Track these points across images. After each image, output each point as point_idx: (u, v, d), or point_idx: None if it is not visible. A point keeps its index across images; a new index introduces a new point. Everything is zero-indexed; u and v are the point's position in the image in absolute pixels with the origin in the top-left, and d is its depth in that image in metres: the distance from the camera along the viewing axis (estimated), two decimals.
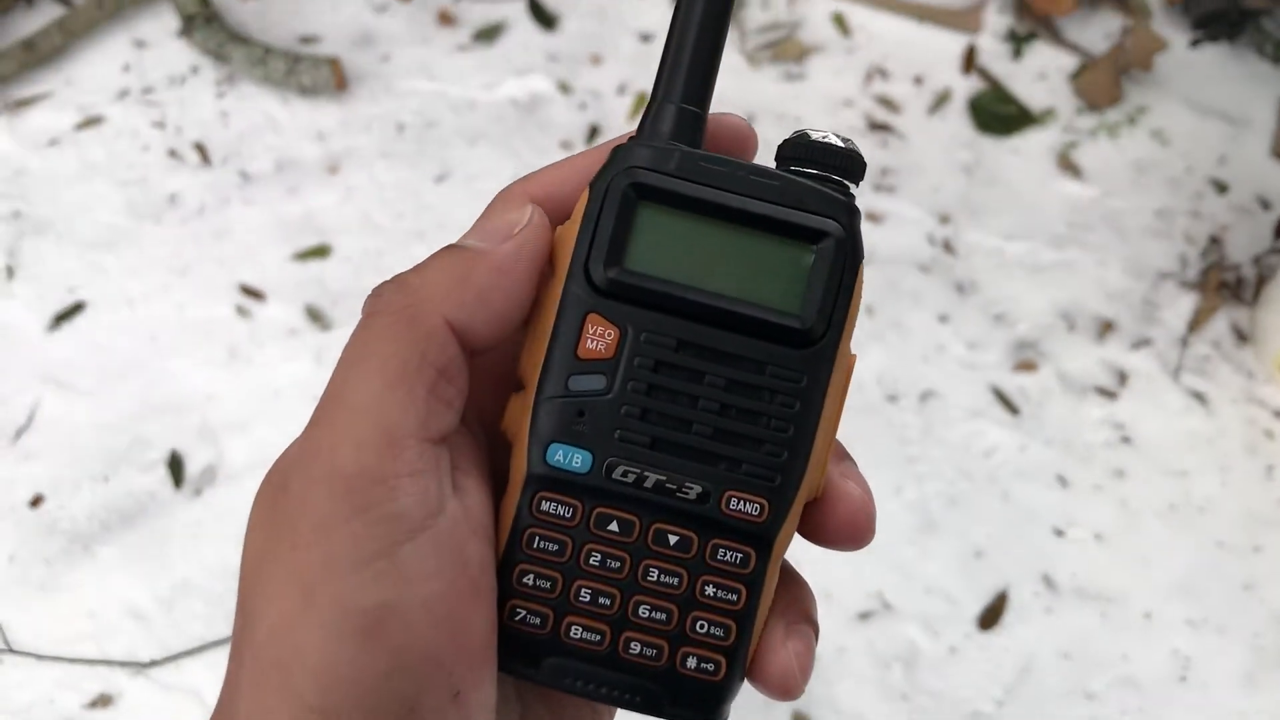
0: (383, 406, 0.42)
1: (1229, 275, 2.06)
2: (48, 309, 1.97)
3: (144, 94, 2.23)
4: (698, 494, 0.46)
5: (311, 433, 0.44)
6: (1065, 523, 1.83)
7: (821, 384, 0.46)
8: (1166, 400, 1.95)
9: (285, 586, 0.41)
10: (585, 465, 0.45)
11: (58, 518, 1.78)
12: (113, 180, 2.12)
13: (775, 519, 0.46)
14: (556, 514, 0.46)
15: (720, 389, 0.46)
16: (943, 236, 2.10)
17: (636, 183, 0.46)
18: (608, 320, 0.46)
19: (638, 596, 0.46)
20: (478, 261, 0.45)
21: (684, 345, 0.46)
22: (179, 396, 1.88)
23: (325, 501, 0.41)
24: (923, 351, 1.97)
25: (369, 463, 0.42)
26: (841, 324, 0.46)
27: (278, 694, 0.41)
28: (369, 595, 0.40)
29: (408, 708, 0.41)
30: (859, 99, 2.26)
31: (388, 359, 0.43)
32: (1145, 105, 2.27)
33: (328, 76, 2.17)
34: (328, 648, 0.40)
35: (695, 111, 0.48)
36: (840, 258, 0.46)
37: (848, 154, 0.48)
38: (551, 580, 0.46)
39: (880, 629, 1.73)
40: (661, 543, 0.46)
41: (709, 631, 0.46)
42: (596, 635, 0.46)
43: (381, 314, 0.45)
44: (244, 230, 2.06)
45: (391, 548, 0.41)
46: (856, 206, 0.47)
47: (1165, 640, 1.74)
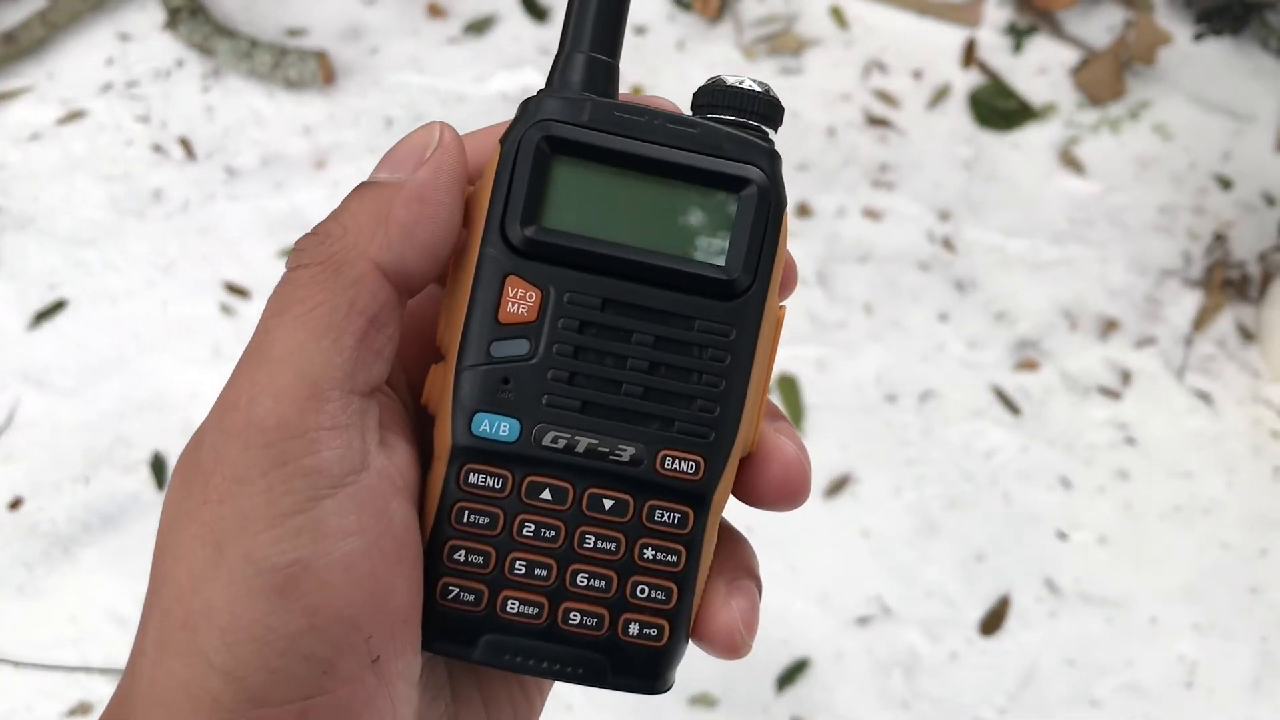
0: (306, 356, 0.40)
1: (1233, 273, 2.03)
2: (28, 306, 1.93)
3: (128, 87, 2.18)
4: (631, 456, 0.44)
5: (230, 386, 0.41)
6: (1068, 525, 1.79)
7: (751, 336, 0.45)
8: (1171, 400, 1.92)
9: (195, 543, 0.39)
10: (513, 434, 0.44)
11: (37, 520, 1.74)
12: (96, 175, 2.07)
13: (711, 476, 0.45)
14: (486, 486, 0.44)
15: (648, 346, 0.44)
16: (942, 233, 2.06)
17: (549, 135, 0.44)
18: (528, 282, 0.44)
19: (575, 565, 0.45)
20: (394, 195, 0.43)
21: (609, 303, 0.44)
22: (162, 395, 1.84)
23: (241, 454, 0.39)
24: (922, 351, 1.94)
25: (288, 414, 0.40)
26: (769, 273, 0.45)
27: (181, 656, 0.39)
28: (283, 552, 0.39)
29: (320, 670, 0.39)
30: (857, 93, 2.22)
31: (313, 309, 0.41)
32: (1148, 100, 2.23)
33: (315, 70, 2.13)
34: (236, 605, 0.38)
35: (607, 61, 0.46)
36: (764, 205, 0.45)
37: (765, 98, 0.46)
38: (484, 554, 0.44)
39: (880, 634, 1.69)
40: (597, 508, 0.45)
41: (650, 595, 0.45)
42: (534, 608, 0.44)
43: (306, 266, 0.42)
44: (229, 226, 2.02)
45: (309, 503, 0.39)
46: (777, 151, 0.46)
47: (1171, 645, 1.71)
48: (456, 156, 0.44)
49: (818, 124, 2.17)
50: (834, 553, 1.75)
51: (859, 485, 1.79)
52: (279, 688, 0.39)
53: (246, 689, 0.38)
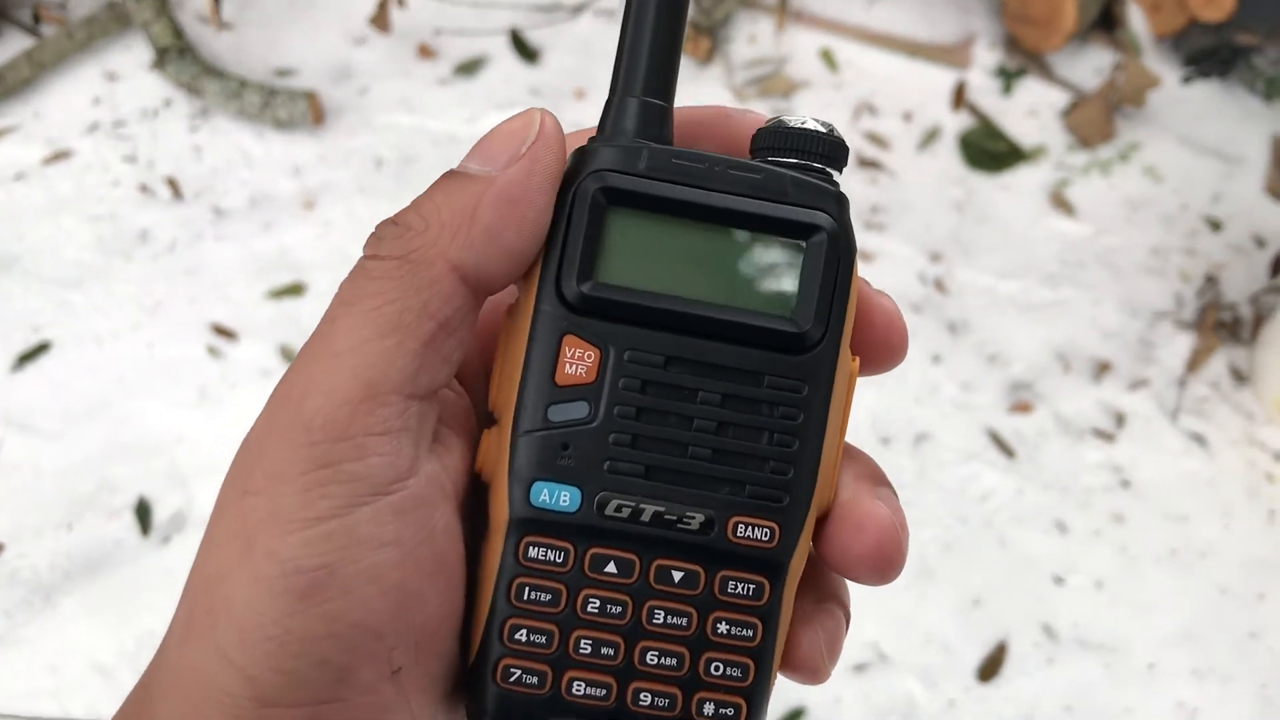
0: (367, 355, 0.39)
1: (1225, 314, 2.03)
2: (11, 348, 1.90)
3: (115, 127, 2.17)
4: (700, 523, 0.42)
5: (289, 376, 0.40)
6: (1065, 570, 1.78)
7: (824, 391, 0.42)
8: (1165, 442, 1.91)
9: (228, 535, 0.39)
10: (574, 503, 0.41)
11: (18, 567, 1.70)
12: (82, 215, 2.05)
13: (787, 542, 0.42)
14: (546, 559, 0.41)
15: (716, 406, 0.42)
16: (934, 275, 2.06)
17: (605, 187, 0.41)
18: (586, 340, 0.41)
19: (644, 642, 0.42)
20: (483, 192, 0.41)
21: (672, 361, 0.42)
22: (147, 439, 1.81)
23: (284, 450, 0.38)
24: (915, 393, 1.93)
25: (337, 415, 0.38)
26: (840, 324, 0.42)
27: (201, 643, 0.38)
28: (310, 555, 0.38)
29: (335, 678, 0.38)
30: (847, 135, 2.22)
31: (383, 306, 0.39)
32: (1137, 142, 2.24)
33: (304, 110, 2.12)
34: (256, 603, 0.37)
35: (660, 105, 0.43)
36: (834, 252, 0.42)
37: (829, 139, 0.44)
38: (547, 634, 0.42)
39: (877, 681, 1.66)
40: (665, 580, 0.42)
41: (725, 673, 0.42)
42: (602, 690, 0.42)
43: (381, 259, 0.41)
44: (217, 267, 2.00)
45: (345, 509, 0.38)
46: (844, 195, 0.43)
47: (1170, 691, 1.69)
48: (555, 152, 0.41)
49: None
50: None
51: None
52: (290, 690, 0.38)
53: (257, 687, 0.38)
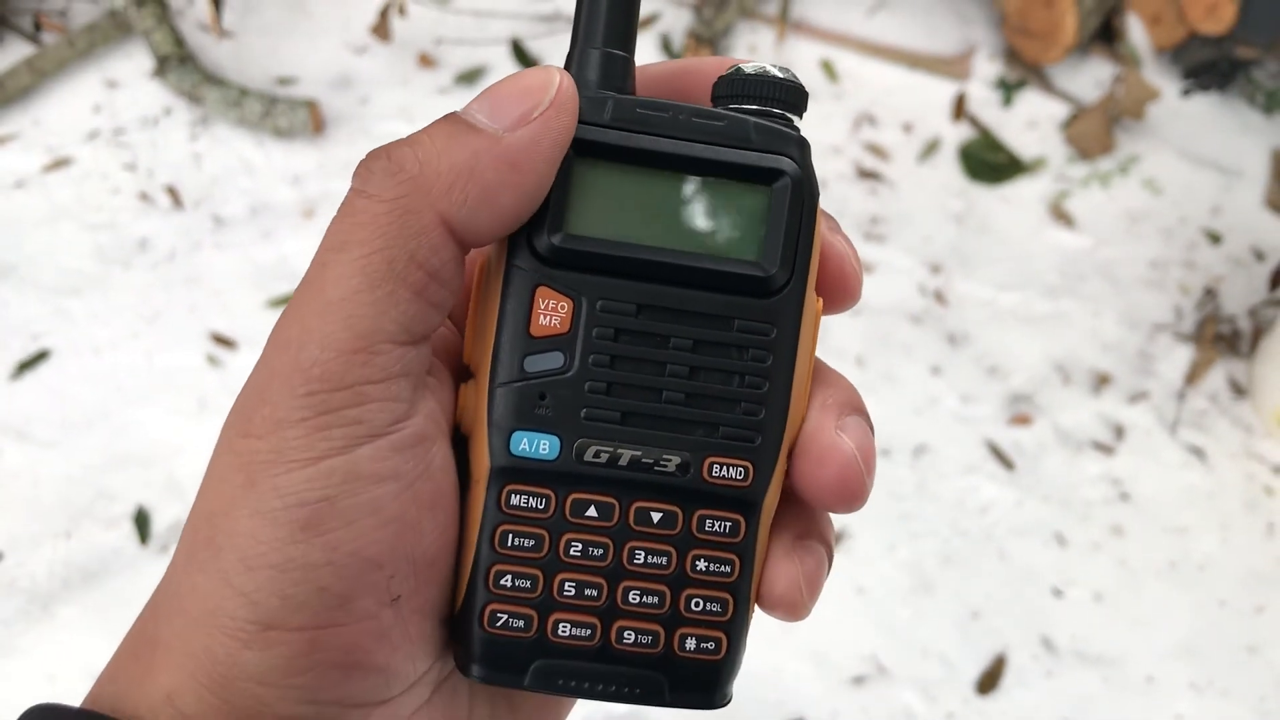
0: (359, 305, 0.39)
1: (1225, 327, 2.03)
2: (10, 357, 1.89)
3: (115, 135, 2.17)
4: (677, 465, 0.43)
5: (283, 321, 0.41)
6: (1064, 582, 1.78)
7: (792, 333, 0.43)
8: (1164, 455, 1.91)
9: (230, 471, 0.40)
10: (553, 451, 0.42)
11: (16, 576, 1.70)
12: (81, 224, 2.05)
13: (760, 480, 0.43)
14: (529, 506, 0.43)
15: (687, 351, 0.43)
16: (934, 287, 2.06)
17: (573, 138, 0.42)
18: (558, 291, 0.42)
19: (626, 582, 0.43)
20: (486, 150, 0.40)
21: (644, 309, 0.43)
22: (146, 448, 1.81)
23: (284, 397, 0.39)
24: (915, 405, 1.92)
25: (334, 366, 0.39)
26: (806, 267, 0.43)
27: (203, 572, 0.40)
28: (313, 489, 0.39)
29: (334, 604, 0.39)
30: (847, 146, 2.22)
31: (372, 253, 0.39)
32: (1137, 154, 2.24)
33: (305, 119, 2.12)
34: (259, 532, 0.39)
35: (622, 55, 0.44)
36: (797, 196, 0.43)
37: (789, 84, 0.44)
38: (531, 578, 0.43)
39: (875, 694, 1.66)
40: (645, 522, 0.43)
41: (705, 608, 0.43)
42: (586, 630, 0.43)
43: (370, 197, 0.40)
44: (216, 276, 2.00)
45: (346, 448, 0.39)
46: (806, 139, 0.44)
47: (1169, 704, 1.69)
48: (568, 120, 0.41)
49: None
50: (828, 611, 1.72)
51: (853, 541, 1.78)
52: (291, 614, 0.39)
53: (259, 611, 0.39)
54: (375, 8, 2.28)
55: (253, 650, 0.39)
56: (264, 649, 0.39)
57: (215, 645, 0.39)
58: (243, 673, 0.39)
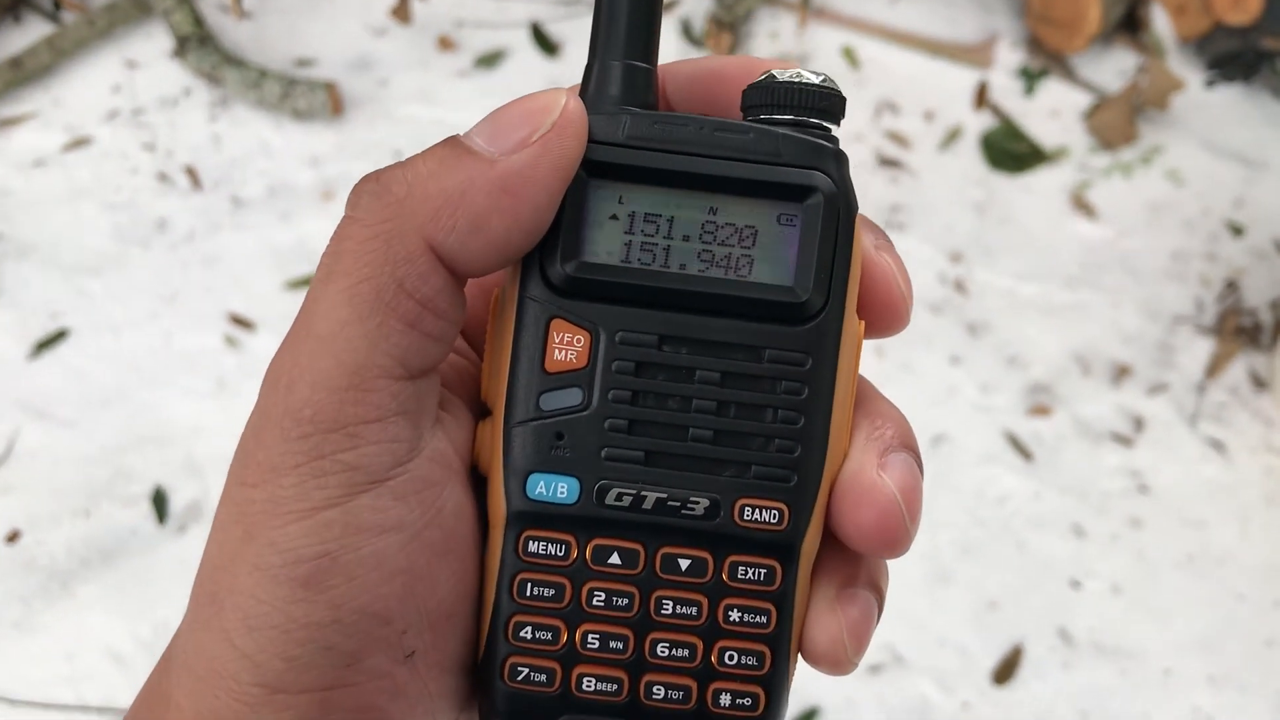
0: (349, 339, 0.37)
1: (1246, 320, 2.02)
2: (29, 335, 1.90)
3: (134, 115, 2.17)
4: (705, 508, 0.40)
5: (276, 360, 0.39)
6: (1082, 574, 1.77)
7: (830, 362, 0.40)
8: (1184, 448, 1.90)
9: (228, 523, 0.38)
10: (572, 494, 0.40)
11: (35, 554, 1.70)
12: (100, 203, 2.05)
13: (798, 523, 0.40)
14: (548, 554, 0.40)
15: (715, 384, 0.40)
16: (954, 276, 2.05)
17: (585, 159, 0.39)
18: (574, 324, 0.40)
19: (654, 634, 0.41)
20: (479, 175, 0.38)
21: (666, 340, 0.40)
22: (164, 428, 1.81)
23: (277, 441, 0.37)
24: (934, 395, 1.92)
25: (325, 405, 0.37)
26: (844, 289, 0.40)
27: (207, 630, 0.38)
28: (310, 544, 0.37)
29: (343, 663, 0.38)
30: (869, 134, 2.21)
31: (359, 282, 0.37)
32: (1160, 145, 2.23)
33: (324, 101, 2.12)
34: (259, 590, 0.37)
35: (644, 68, 0.41)
36: (832, 213, 0.40)
37: (823, 91, 0.41)
38: (553, 629, 0.40)
39: (891, 683, 1.66)
40: (672, 569, 0.40)
41: (740, 661, 0.41)
42: (613, 684, 0.41)
43: (357, 223, 0.38)
44: (235, 257, 2.00)
45: (343, 498, 0.37)
46: (843, 151, 0.41)
47: (1186, 697, 1.68)
48: (570, 145, 0.39)
49: None
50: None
51: None
52: (296, 676, 0.37)
53: (262, 673, 0.37)
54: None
55: (261, 714, 0.37)
56: (272, 713, 0.37)
57: (222, 708, 0.38)
58: None
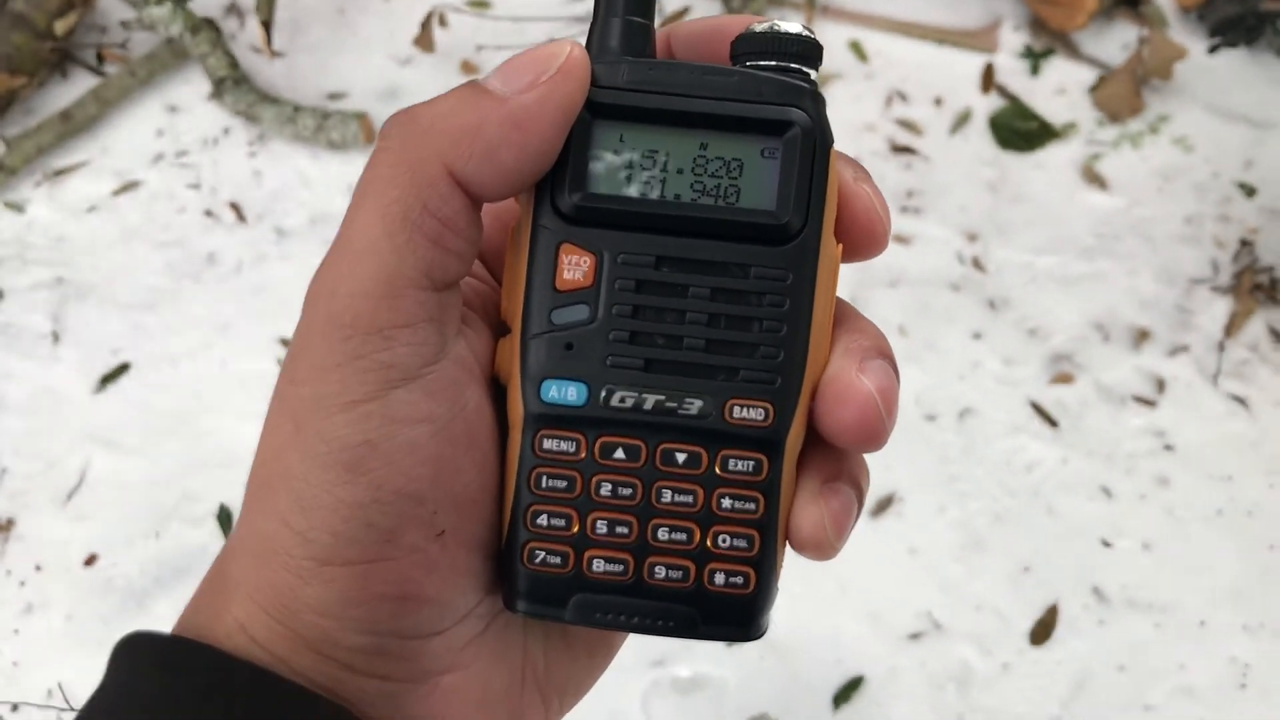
0: (382, 252, 0.42)
1: (1262, 278, 2.06)
2: (93, 371, 2.00)
3: (178, 157, 2.27)
4: (699, 408, 0.45)
5: (320, 273, 0.44)
6: (1112, 534, 1.82)
7: (809, 277, 0.45)
8: (1207, 406, 1.94)
9: (280, 418, 0.43)
10: (581, 397, 0.45)
11: (111, 575, 1.80)
12: (151, 242, 2.16)
13: (782, 421, 0.45)
14: (560, 450, 0.45)
15: (706, 299, 0.45)
16: (972, 254, 2.11)
17: (589, 101, 0.45)
18: (581, 248, 0.45)
19: (655, 520, 0.46)
20: (492, 110, 0.43)
21: (662, 261, 0.45)
22: (225, 451, 1.91)
23: (321, 344, 0.42)
24: (958, 370, 1.98)
25: (364, 311, 0.42)
26: (820, 213, 0.45)
27: (262, 513, 0.43)
28: (354, 433, 0.42)
29: (383, 539, 0.42)
30: (880, 123, 2.27)
31: (389, 204, 0.43)
32: (1166, 114, 2.27)
33: (356, 131, 2.21)
34: (309, 474, 0.42)
35: (642, 23, 0.46)
36: (809, 145, 0.45)
37: (802, 39, 0.46)
38: (566, 517, 0.46)
39: (931, 649, 1.72)
40: (670, 462, 0.45)
41: (732, 545, 0.46)
42: (619, 565, 0.46)
43: (387, 150, 0.44)
44: (281, 285, 2.09)
45: (381, 392, 0.42)
46: (819, 92, 0.46)
47: (1222, 647, 1.72)
48: (573, 86, 0.44)
49: None
50: (883, 571, 1.78)
51: (903, 504, 1.83)
52: (342, 549, 0.42)
53: (313, 548, 0.42)
54: (417, 19, 2.37)
55: (311, 585, 0.42)
56: (321, 584, 0.42)
57: (278, 580, 0.43)
58: (305, 605, 0.43)
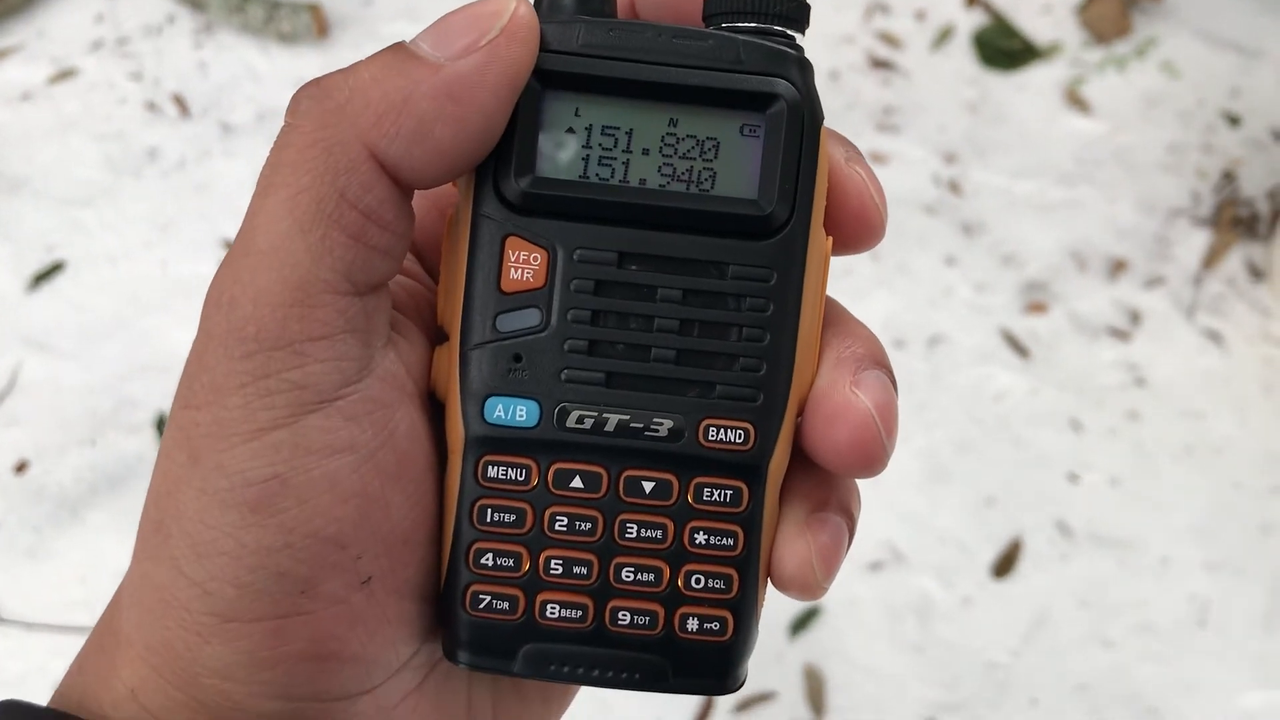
0: (291, 252, 0.35)
1: (1243, 211, 2.01)
2: (26, 269, 1.91)
3: (119, 45, 2.15)
4: (669, 429, 0.39)
5: (217, 278, 0.37)
6: (1079, 467, 1.79)
7: (795, 277, 0.39)
8: (1180, 340, 1.90)
9: (174, 447, 0.36)
10: (532, 417, 0.39)
11: (44, 483, 1.73)
12: (89, 135, 2.05)
13: (764, 443, 0.39)
14: (508, 478, 0.39)
15: (676, 303, 0.39)
16: (948, 177, 2.04)
17: (538, 69, 0.38)
18: (530, 242, 0.38)
19: (619, 558, 0.39)
20: (423, 79, 0.36)
21: (626, 257, 0.39)
22: (164, 356, 1.83)
23: (221, 362, 0.36)
24: (930, 295, 1.92)
25: (268, 322, 0.35)
26: (809, 202, 0.39)
27: (154, 559, 0.37)
28: (258, 467, 0.35)
29: (296, 589, 0.36)
30: (859, 35, 2.19)
31: (299, 193, 0.36)
32: (1154, 37, 2.20)
33: (308, 23, 2.10)
34: (207, 515, 0.36)
35: None
36: (796, 122, 0.38)
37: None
38: (514, 555, 0.39)
39: (892, 580, 1.69)
40: (636, 492, 0.39)
41: (707, 585, 0.40)
42: (577, 611, 0.39)
43: (297, 130, 0.37)
44: (227, 183, 2.00)
45: (291, 418, 0.35)
46: (807, 59, 0.39)
47: (1183, 584, 1.70)
48: (519, 51, 0.37)
49: (820, 67, 2.15)
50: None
51: None
52: (249, 603, 0.36)
53: (213, 601, 0.36)
54: None
55: (212, 644, 0.36)
56: (224, 643, 0.36)
57: (174, 639, 0.36)
58: (206, 668, 0.36)
